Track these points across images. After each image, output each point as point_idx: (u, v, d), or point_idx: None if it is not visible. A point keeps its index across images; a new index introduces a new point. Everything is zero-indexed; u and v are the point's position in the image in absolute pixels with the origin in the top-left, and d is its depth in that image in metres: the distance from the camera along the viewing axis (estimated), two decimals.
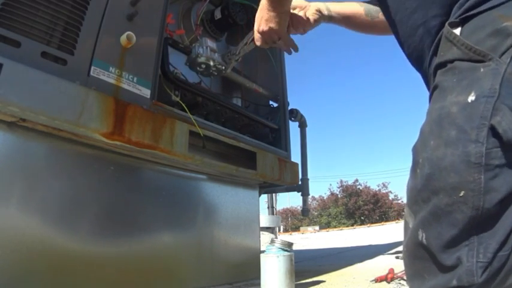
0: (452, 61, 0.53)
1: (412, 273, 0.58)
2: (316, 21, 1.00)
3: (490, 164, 0.46)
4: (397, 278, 1.81)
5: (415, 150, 0.56)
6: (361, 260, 2.92)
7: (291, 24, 0.99)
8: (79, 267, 1.34)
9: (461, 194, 0.47)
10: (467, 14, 0.53)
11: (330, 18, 1.01)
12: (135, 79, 1.48)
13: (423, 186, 0.52)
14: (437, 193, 0.50)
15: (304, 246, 6.43)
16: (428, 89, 0.63)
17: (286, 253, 1.63)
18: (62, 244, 1.30)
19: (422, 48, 0.64)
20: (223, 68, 1.70)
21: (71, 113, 1.21)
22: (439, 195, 0.49)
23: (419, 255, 0.54)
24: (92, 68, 1.33)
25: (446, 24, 0.55)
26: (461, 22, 0.54)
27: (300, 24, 0.99)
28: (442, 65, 0.55)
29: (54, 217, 1.29)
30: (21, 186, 1.23)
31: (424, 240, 0.51)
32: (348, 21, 1.01)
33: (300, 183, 2.71)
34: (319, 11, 1.00)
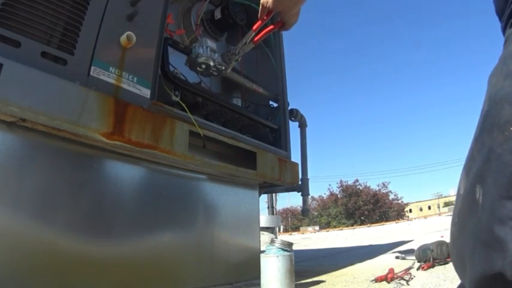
0: None
1: (456, 254, 0.47)
2: None
3: None
4: (397, 278, 1.81)
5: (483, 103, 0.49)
6: (361, 260, 2.92)
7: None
8: (78, 268, 1.34)
9: None
10: None
11: None
12: (135, 79, 1.48)
13: (480, 131, 0.45)
14: (491, 132, 0.42)
15: (305, 246, 6.43)
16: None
17: (286, 253, 1.63)
18: (61, 244, 1.30)
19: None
20: (224, 68, 1.70)
21: (71, 113, 1.21)
22: (493, 133, 0.42)
23: (471, 225, 0.43)
24: (92, 68, 1.33)
25: None
26: None
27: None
28: None
29: (53, 217, 1.29)
30: (21, 186, 1.23)
31: (480, 198, 0.41)
32: None
33: (300, 183, 2.71)
34: None
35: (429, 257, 2.19)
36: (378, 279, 1.80)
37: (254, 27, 1.32)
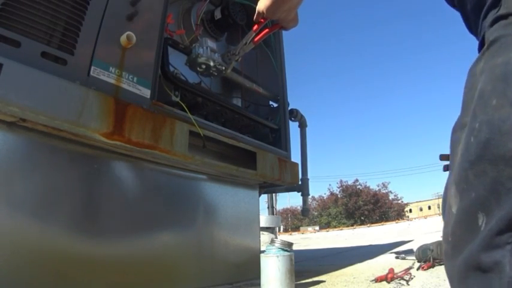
0: None
1: (448, 273, 0.47)
2: None
3: None
4: (397, 278, 1.81)
5: (472, 114, 0.47)
6: (361, 260, 2.92)
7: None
8: (79, 268, 1.34)
9: None
10: None
11: None
12: (135, 79, 1.48)
13: (478, 157, 0.43)
14: (496, 163, 0.41)
15: (305, 246, 6.43)
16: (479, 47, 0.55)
17: (286, 253, 1.63)
18: (61, 245, 1.30)
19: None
20: (224, 68, 1.70)
21: (71, 113, 1.21)
22: (499, 165, 0.40)
23: (467, 250, 0.43)
24: (92, 68, 1.33)
25: None
26: None
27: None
28: (503, 17, 0.49)
29: (53, 217, 1.29)
30: (21, 186, 1.23)
31: (483, 226, 0.41)
32: None
33: (300, 183, 2.71)
34: None
35: (429, 257, 2.20)
36: (378, 279, 1.80)
37: (254, 27, 1.31)
